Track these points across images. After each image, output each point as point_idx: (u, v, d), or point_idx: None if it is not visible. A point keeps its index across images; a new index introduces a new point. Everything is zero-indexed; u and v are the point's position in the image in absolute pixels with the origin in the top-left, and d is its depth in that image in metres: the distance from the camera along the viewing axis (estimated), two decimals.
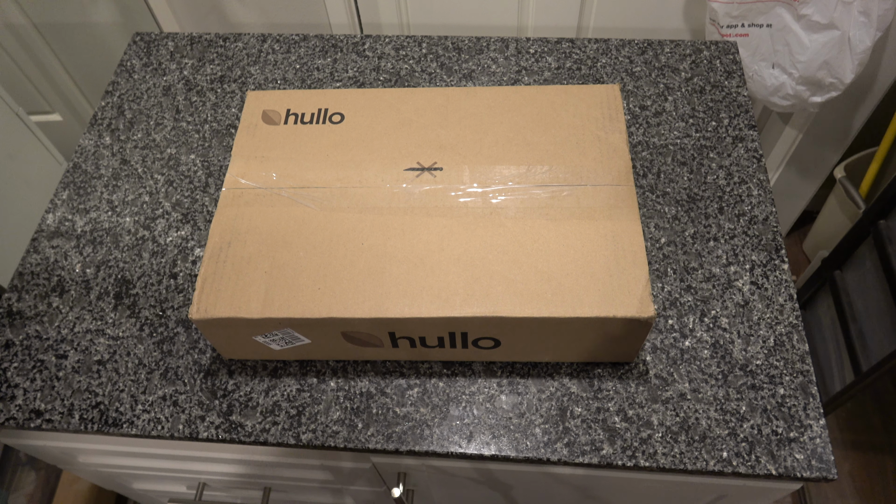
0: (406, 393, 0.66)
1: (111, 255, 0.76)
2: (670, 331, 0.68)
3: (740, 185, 0.78)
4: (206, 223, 0.77)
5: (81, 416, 0.66)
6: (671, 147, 0.81)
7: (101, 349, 0.70)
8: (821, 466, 0.61)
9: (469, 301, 0.57)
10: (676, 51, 0.91)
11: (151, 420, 0.66)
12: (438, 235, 0.61)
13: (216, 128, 0.86)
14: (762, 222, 0.75)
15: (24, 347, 0.70)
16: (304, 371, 0.68)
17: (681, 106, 0.85)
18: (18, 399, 0.67)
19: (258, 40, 0.95)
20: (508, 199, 0.63)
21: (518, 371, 0.67)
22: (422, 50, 0.92)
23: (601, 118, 0.68)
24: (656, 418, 0.64)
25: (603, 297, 0.57)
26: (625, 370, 0.66)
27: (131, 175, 0.82)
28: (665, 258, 0.73)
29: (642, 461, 0.62)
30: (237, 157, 0.68)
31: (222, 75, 0.91)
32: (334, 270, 0.60)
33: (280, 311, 0.58)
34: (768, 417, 0.63)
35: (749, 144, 0.81)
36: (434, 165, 0.66)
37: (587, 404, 0.65)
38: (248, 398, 0.66)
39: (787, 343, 0.67)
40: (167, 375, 0.68)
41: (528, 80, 0.88)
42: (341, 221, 0.63)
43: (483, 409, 0.65)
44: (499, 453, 0.63)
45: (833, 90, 1.03)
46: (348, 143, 0.68)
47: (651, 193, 0.77)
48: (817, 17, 0.95)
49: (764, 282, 0.71)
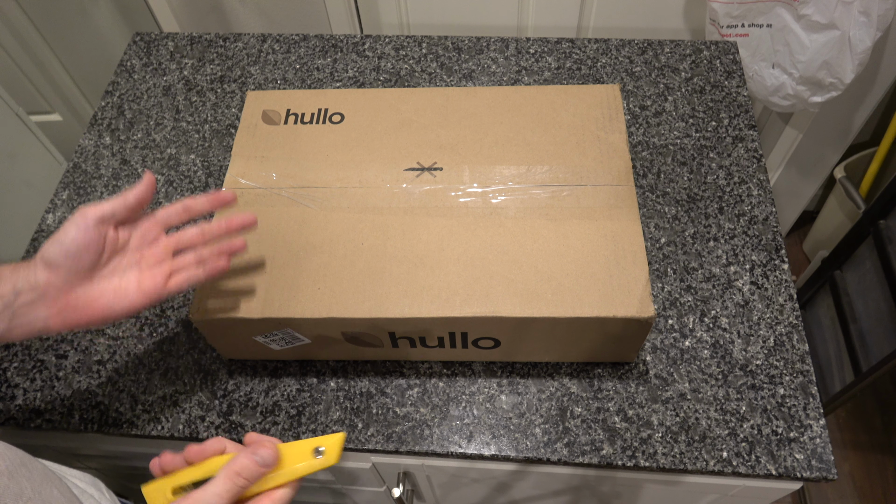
0: (406, 393, 0.66)
1: None
2: (670, 331, 0.68)
3: (740, 185, 0.78)
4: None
5: (81, 416, 0.66)
6: (671, 147, 0.81)
7: (101, 349, 0.70)
8: (821, 466, 0.61)
9: (469, 301, 0.57)
10: (676, 51, 0.91)
11: (151, 420, 0.66)
12: (438, 235, 0.61)
13: (216, 128, 0.86)
14: (762, 222, 0.75)
15: (24, 347, 0.70)
16: (304, 371, 0.68)
17: (681, 106, 0.85)
18: (18, 399, 0.67)
19: (258, 40, 0.95)
20: (508, 199, 0.63)
21: (518, 371, 0.67)
22: (422, 50, 0.92)
23: (601, 118, 0.68)
24: (656, 418, 0.64)
25: (603, 297, 0.57)
26: (625, 370, 0.66)
27: (131, 175, 0.82)
28: (665, 258, 0.73)
29: (642, 461, 0.62)
30: (237, 157, 0.68)
31: (222, 75, 0.91)
32: (334, 270, 0.60)
33: (280, 311, 0.58)
34: (768, 417, 0.63)
35: (749, 144, 0.81)
36: (434, 165, 0.66)
37: (587, 404, 0.65)
38: (248, 398, 0.66)
39: (787, 343, 0.67)
40: (167, 375, 0.68)
41: (528, 80, 0.88)
42: (341, 221, 0.63)
43: (483, 409, 0.65)
44: (499, 453, 0.63)
45: (833, 90, 1.03)
46: (348, 143, 0.68)
47: (651, 193, 0.77)
48: (817, 17, 0.95)
49: (764, 282, 0.71)
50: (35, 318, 0.47)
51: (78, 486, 0.45)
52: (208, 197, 0.54)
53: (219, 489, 0.40)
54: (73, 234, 0.47)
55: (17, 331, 0.47)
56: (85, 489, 0.45)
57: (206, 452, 0.44)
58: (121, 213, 0.49)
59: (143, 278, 0.51)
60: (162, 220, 0.53)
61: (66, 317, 0.48)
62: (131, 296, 0.50)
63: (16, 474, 0.34)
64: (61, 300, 0.48)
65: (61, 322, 0.48)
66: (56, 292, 0.47)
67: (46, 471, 0.37)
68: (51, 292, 0.47)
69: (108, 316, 0.50)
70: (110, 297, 0.49)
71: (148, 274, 0.51)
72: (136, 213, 0.50)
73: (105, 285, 0.50)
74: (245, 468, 0.40)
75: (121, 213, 0.49)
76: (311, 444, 0.43)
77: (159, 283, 0.51)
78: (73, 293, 0.48)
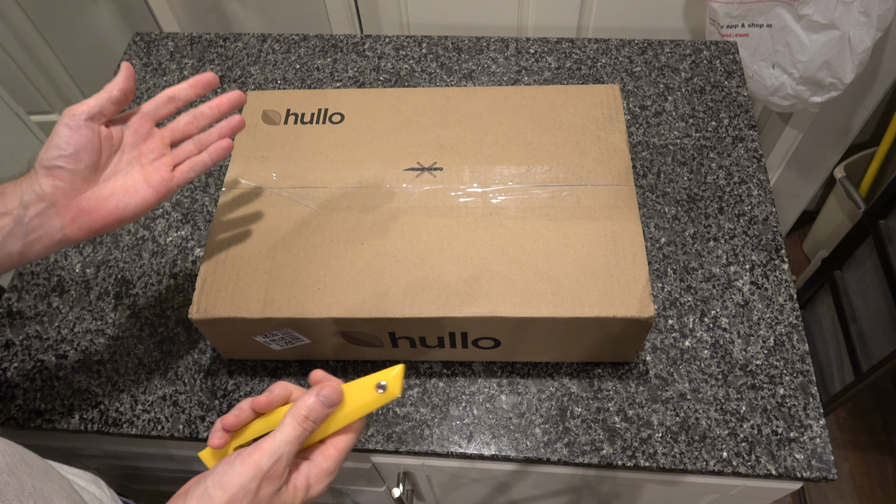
0: (406, 393, 0.66)
1: (111, 254, 0.76)
2: (670, 331, 0.68)
3: (740, 185, 0.78)
4: (206, 223, 0.77)
5: (81, 416, 0.66)
6: (671, 147, 0.81)
7: (101, 349, 0.70)
8: (821, 466, 0.61)
9: (469, 301, 0.57)
10: (676, 51, 0.91)
11: (151, 420, 0.66)
12: (438, 235, 0.61)
13: None
14: (762, 222, 0.75)
15: (24, 347, 0.70)
16: (304, 371, 0.68)
17: (681, 106, 0.85)
18: (18, 399, 0.67)
19: (258, 40, 0.95)
20: (508, 199, 0.63)
21: (518, 371, 0.67)
22: (422, 50, 0.92)
23: (601, 118, 0.68)
24: (656, 418, 0.64)
25: (603, 297, 0.57)
26: (625, 370, 0.66)
27: None
28: (665, 258, 0.73)
29: (642, 461, 0.62)
30: (237, 157, 0.68)
31: (222, 75, 0.91)
32: (334, 270, 0.60)
33: (280, 311, 0.58)
34: (768, 417, 0.63)
35: (749, 144, 0.81)
36: (434, 165, 0.66)
37: (587, 404, 0.65)
38: None
39: (787, 343, 0.67)
40: (167, 375, 0.68)
41: (528, 80, 0.88)
42: (341, 221, 0.63)
43: (483, 409, 0.65)
44: (499, 453, 0.63)
45: (833, 90, 1.03)
46: (348, 143, 0.68)
47: (651, 193, 0.77)
48: (817, 17, 0.95)
49: (764, 282, 0.71)
50: (51, 228, 0.47)
51: (79, 483, 0.45)
52: (189, 82, 0.53)
53: (288, 436, 0.39)
54: (65, 134, 0.46)
55: (37, 246, 0.48)
56: (86, 487, 0.45)
57: (274, 402, 0.43)
58: (108, 109, 0.48)
59: (147, 173, 0.51)
60: (150, 114, 0.52)
61: (82, 222, 0.48)
62: (141, 191, 0.50)
63: (16, 470, 0.34)
64: (72, 206, 0.48)
65: (78, 228, 0.48)
66: (65, 198, 0.47)
67: (47, 466, 0.37)
68: (60, 199, 0.47)
69: (123, 215, 0.50)
70: (120, 196, 0.49)
71: (151, 168, 0.51)
72: (122, 107, 0.49)
73: (112, 185, 0.49)
74: (313, 410, 0.40)
75: (107, 108, 0.48)
76: (371, 380, 0.42)
77: (165, 176, 0.51)
78: (82, 197, 0.48)
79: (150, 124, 0.52)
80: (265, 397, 0.43)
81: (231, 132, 0.55)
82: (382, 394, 0.42)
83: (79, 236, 0.49)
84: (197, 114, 0.54)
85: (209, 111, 0.54)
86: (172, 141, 0.53)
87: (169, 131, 0.53)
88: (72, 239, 0.48)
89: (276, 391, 0.43)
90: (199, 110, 0.54)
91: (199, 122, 0.54)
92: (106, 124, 0.49)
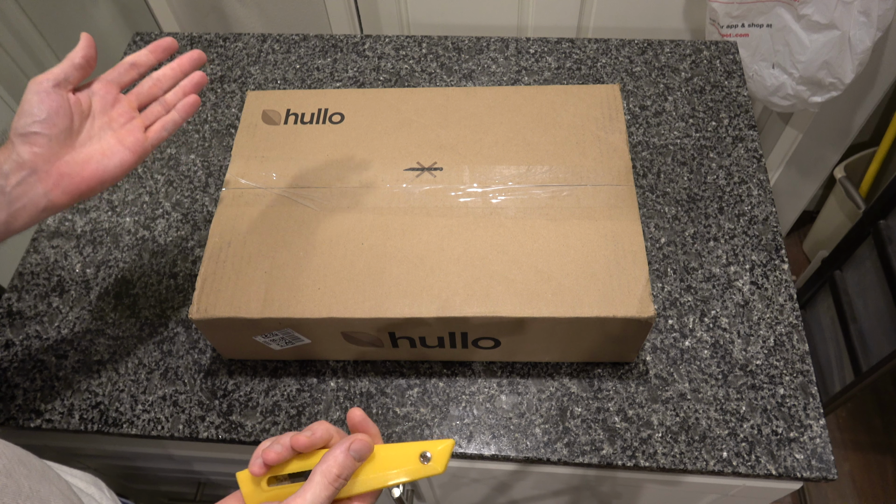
0: (406, 393, 0.66)
1: (111, 255, 0.76)
2: (670, 331, 0.68)
3: (740, 185, 0.78)
4: (206, 223, 0.77)
5: (81, 416, 0.66)
6: (671, 147, 0.81)
7: (101, 349, 0.70)
8: (821, 466, 0.61)
9: (469, 301, 0.57)
10: (676, 51, 0.91)
11: (151, 420, 0.66)
12: (438, 235, 0.61)
13: (216, 128, 0.86)
14: (762, 222, 0.75)
15: (24, 347, 0.70)
16: (304, 371, 0.68)
17: (681, 106, 0.85)
18: (18, 399, 0.67)
19: (258, 40, 0.95)
20: (508, 199, 0.63)
21: (518, 371, 0.67)
22: (422, 50, 0.92)
23: (601, 118, 0.68)
24: (656, 418, 0.64)
25: (603, 297, 0.57)
26: (625, 370, 0.66)
27: (131, 175, 0.82)
28: (665, 258, 0.73)
29: (642, 461, 0.62)
30: (237, 157, 0.68)
31: (222, 75, 0.91)
32: (334, 270, 0.60)
33: (280, 311, 0.58)
34: (768, 417, 0.63)
35: (749, 144, 0.81)
36: (434, 165, 0.66)
37: (587, 404, 0.65)
38: (248, 398, 0.66)
39: (787, 343, 0.67)
40: (167, 375, 0.68)
41: (528, 80, 0.88)
42: (341, 221, 0.63)
43: (483, 409, 0.65)
44: (499, 453, 0.63)
45: (833, 90, 1.03)
46: (348, 143, 0.68)
47: (651, 193, 0.77)
48: (817, 17, 0.95)
49: (764, 282, 0.71)
50: (35, 195, 0.48)
51: (78, 485, 0.45)
52: (149, 47, 0.54)
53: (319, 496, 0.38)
54: (35, 101, 0.47)
55: (22, 215, 0.48)
56: (84, 489, 0.45)
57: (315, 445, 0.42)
58: (72, 75, 0.49)
59: (121, 136, 0.52)
60: (114, 80, 0.53)
61: (65, 186, 0.49)
62: (119, 153, 0.51)
63: (13, 472, 0.34)
64: (53, 171, 0.48)
65: (62, 193, 0.49)
66: (45, 164, 0.48)
67: (45, 468, 0.37)
68: (40, 165, 0.48)
69: (104, 177, 0.51)
70: (99, 159, 0.50)
71: (124, 132, 0.52)
72: (86, 74, 0.50)
73: (89, 150, 0.50)
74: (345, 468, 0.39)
75: (72, 74, 0.49)
76: (415, 447, 0.40)
77: (139, 137, 0.52)
78: (62, 162, 0.49)
79: (116, 90, 0.53)
80: (306, 438, 0.41)
81: (194, 88, 0.56)
82: (425, 465, 0.40)
83: (64, 201, 0.49)
84: (160, 76, 0.55)
85: (171, 72, 0.55)
86: (140, 105, 0.54)
87: (135, 96, 0.54)
88: (57, 205, 0.49)
89: (318, 433, 0.42)
90: (160, 72, 0.55)
91: (162, 83, 0.55)
92: (72, 91, 0.50)
